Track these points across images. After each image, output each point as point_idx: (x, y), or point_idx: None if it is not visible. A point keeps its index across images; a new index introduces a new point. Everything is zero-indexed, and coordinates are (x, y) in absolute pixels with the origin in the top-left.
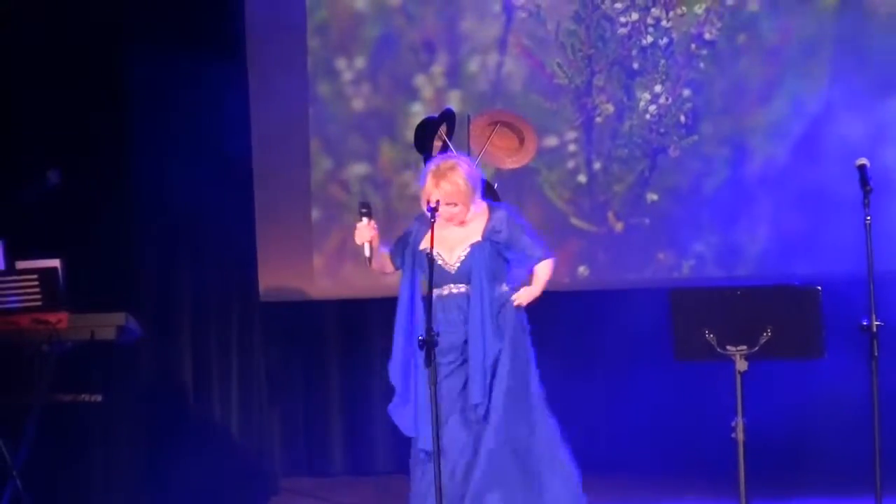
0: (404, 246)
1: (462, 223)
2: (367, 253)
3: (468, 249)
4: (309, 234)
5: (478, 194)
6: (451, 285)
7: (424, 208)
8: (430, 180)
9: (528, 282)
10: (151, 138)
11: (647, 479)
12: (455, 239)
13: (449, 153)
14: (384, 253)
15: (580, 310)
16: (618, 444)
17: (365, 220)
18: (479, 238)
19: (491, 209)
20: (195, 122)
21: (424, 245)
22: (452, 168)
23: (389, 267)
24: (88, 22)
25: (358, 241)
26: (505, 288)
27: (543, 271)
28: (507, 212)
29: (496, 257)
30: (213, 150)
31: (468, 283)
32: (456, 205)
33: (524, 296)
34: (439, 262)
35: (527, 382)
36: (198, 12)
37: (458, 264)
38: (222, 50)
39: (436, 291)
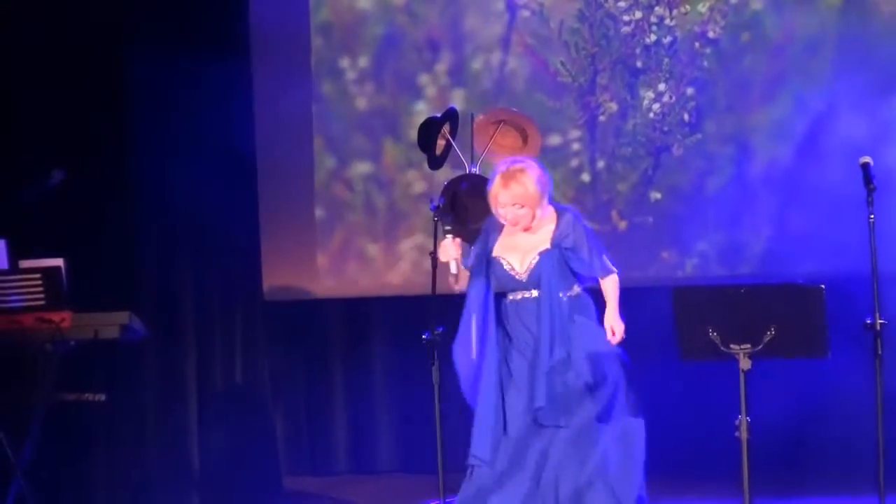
0: (479, 250)
1: (528, 228)
2: (453, 270)
3: (537, 258)
4: (313, 233)
5: (546, 199)
6: (523, 291)
7: (494, 211)
8: (498, 181)
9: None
10: (154, 138)
11: (650, 478)
12: (525, 247)
13: (516, 157)
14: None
15: None
16: None
17: (449, 237)
18: (547, 245)
19: (559, 213)
20: (198, 121)
21: (497, 252)
22: (522, 170)
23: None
24: (90, 22)
25: (443, 258)
26: (577, 290)
27: (612, 290)
28: (573, 215)
29: (565, 263)
30: (216, 149)
31: (538, 288)
32: (523, 206)
33: (614, 323)
34: (509, 269)
35: (604, 396)
36: (200, 12)
37: (527, 273)
38: (225, 49)
39: (509, 296)
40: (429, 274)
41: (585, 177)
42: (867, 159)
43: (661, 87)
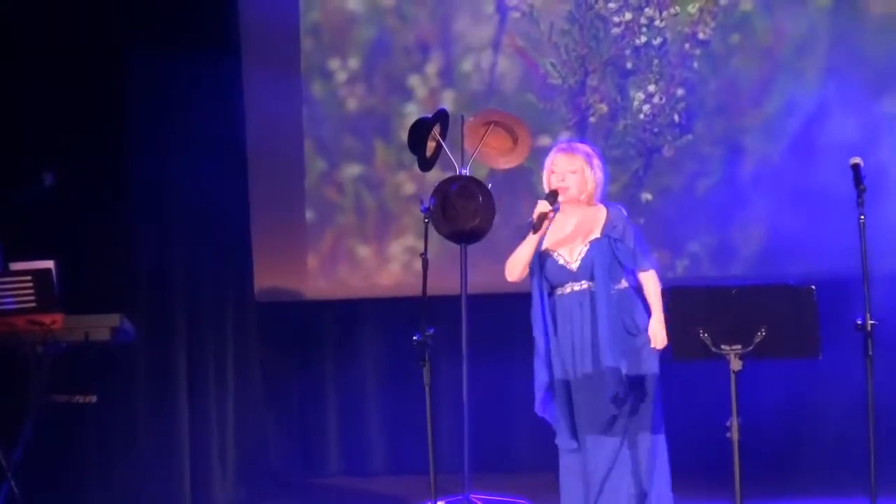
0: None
1: (573, 202)
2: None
3: (588, 246)
4: (303, 234)
5: (599, 189)
6: (572, 283)
7: (546, 182)
8: (559, 149)
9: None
10: (146, 140)
11: None
12: (573, 236)
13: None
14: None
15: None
16: None
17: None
18: (598, 235)
19: (609, 210)
20: (190, 123)
21: (547, 246)
22: (586, 147)
23: (525, 268)
24: (84, 23)
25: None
26: (624, 284)
27: (655, 292)
28: (623, 208)
29: (613, 252)
30: (207, 151)
31: (589, 279)
32: (574, 173)
33: (658, 331)
34: (560, 261)
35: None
36: (191, 14)
37: (578, 262)
38: (216, 52)
39: (558, 290)
40: (419, 275)
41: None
42: (857, 160)
43: (652, 88)
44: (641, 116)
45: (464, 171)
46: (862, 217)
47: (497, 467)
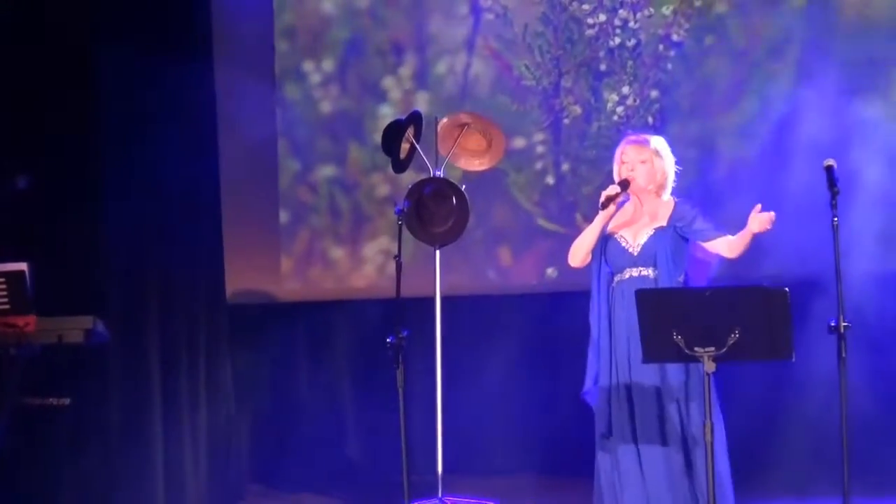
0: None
1: (643, 192)
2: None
3: (653, 232)
4: (277, 236)
5: (668, 182)
6: (632, 269)
7: (616, 172)
8: (629, 140)
9: (702, 271)
10: (117, 141)
11: None
12: (639, 223)
13: None
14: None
15: (549, 311)
16: (588, 448)
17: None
18: (664, 224)
19: (677, 202)
20: (163, 124)
21: (612, 228)
22: (657, 138)
23: (587, 253)
24: (55, 23)
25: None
26: (682, 279)
27: (728, 239)
28: (689, 198)
29: (679, 243)
30: (180, 152)
31: (650, 266)
32: (644, 163)
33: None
34: (622, 243)
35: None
36: (164, 14)
37: (641, 245)
38: (189, 54)
39: (617, 277)
40: (393, 277)
41: (550, 179)
42: (831, 162)
43: (626, 89)
44: (615, 118)
45: (438, 173)
46: (835, 219)
47: (471, 470)
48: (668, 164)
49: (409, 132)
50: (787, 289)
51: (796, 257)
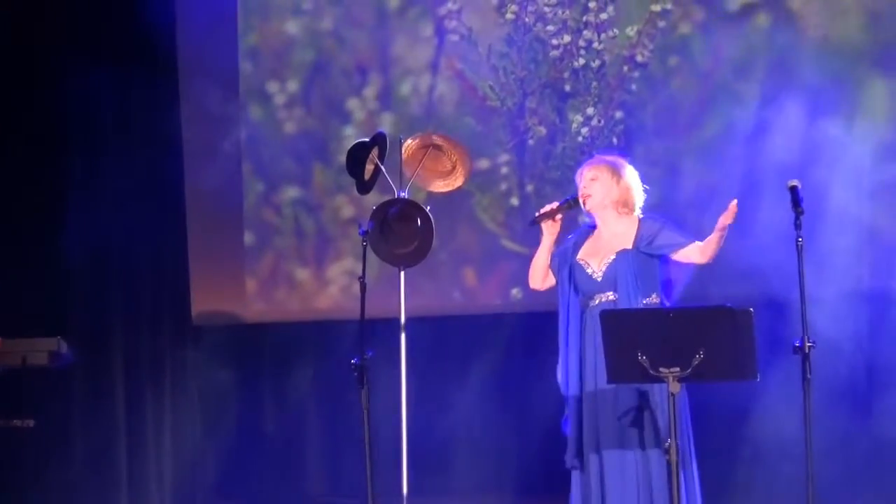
0: (561, 259)
1: (600, 214)
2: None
3: (614, 256)
4: (242, 257)
5: (632, 199)
6: (600, 295)
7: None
8: (589, 159)
9: (676, 293)
10: (81, 162)
11: None
12: (604, 247)
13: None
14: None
15: (514, 332)
16: (557, 467)
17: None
18: (628, 246)
19: (642, 220)
20: (127, 146)
21: (580, 256)
22: (615, 157)
23: (543, 273)
24: (18, 43)
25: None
26: (655, 299)
27: (700, 244)
28: (655, 216)
29: (645, 264)
30: (144, 173)
31: (615, 290)
32: (595, 180)
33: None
34: (588, 270)
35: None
36: (129, 36)
37: (603, 270)
38: (154, 74)
39: (588, 303)
40: (357, 298)
41: (514, 200)
42: (795, 182)
43: (590, 110)
44: (580, 139)
45: (402, 195)
46: (800, 239)
47: (436, 491)
48: (631, 183)
49: (374, 153)
50: (751, 309)
51: (762, 277)
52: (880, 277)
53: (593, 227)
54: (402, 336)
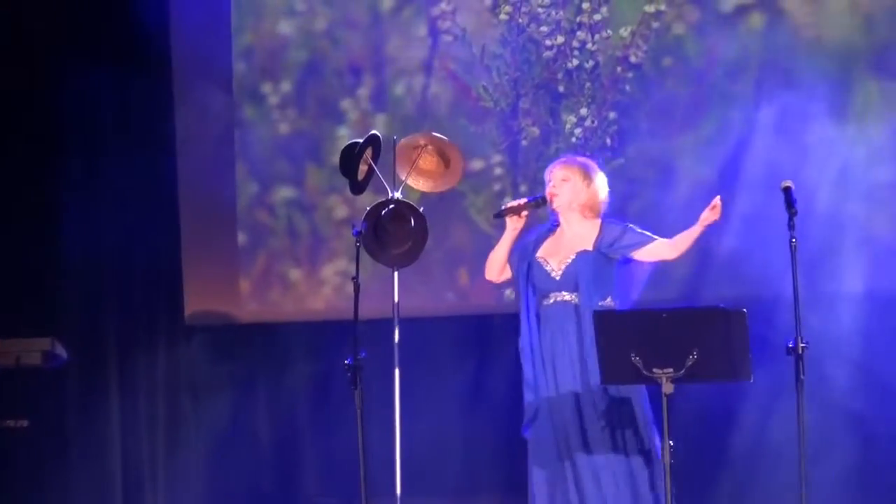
0: (521, 255)
1: (565, 214)
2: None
3: (575, 256)
4: (235, 258)
5: (599, 204)
6: (556, 293)
7: (548, 190)
8: (560, 160)
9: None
10: (75, 163)
11: None
12: (564, 247)
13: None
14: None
15: (507, 332)
16: None
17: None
18: (589, 248)
19: (604, 224)
20: (121, 146)
21: (540, 254)
22: (586, 160)
23: (501, 267)
24: (11, 43)
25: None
26: (610, 302)
27: (665, 241)
28: (618, 220)
29: (604, 266)
30: (138, 173)
31: (573, 290)
32: (566, 181)
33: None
34: (546, 268)
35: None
36: (123, 36)
37: (563, 269)
38: (148, 74)
39: (543, 301)
40: (351, 299)
41: (508, 201)
42: (789, 183)
43: (584, 111)
44: (573, 140)
45: (396, 195)
46: (793, 239)
47: (430, 491)
48: (598, 187)
49: (368, 154)
50: (745, 310)
51: (755, 278)
52: (872, 279)
53: (555, 226)
54: (396, 336)
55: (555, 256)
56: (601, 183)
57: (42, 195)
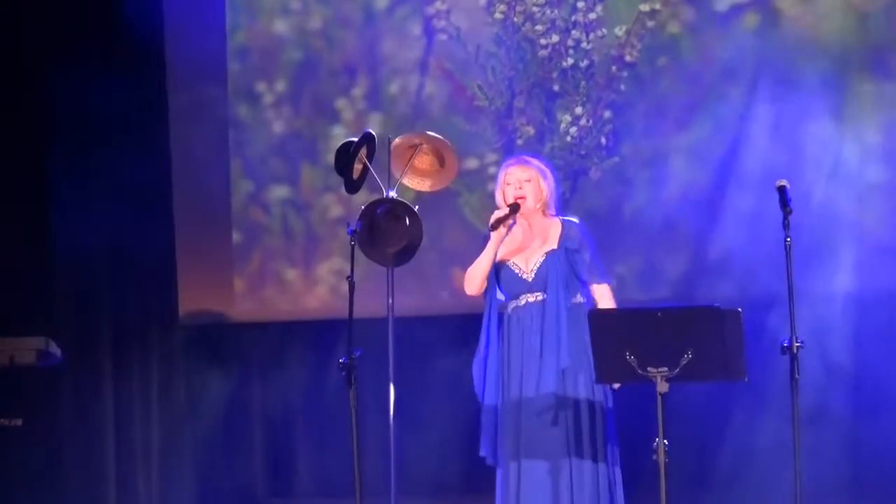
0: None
1: (529, 212)
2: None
3: (544, 257)
4: (230, 256)
5: (552, 201)
6: (528, 294)
7: (500, 193)
8: (513, 162)
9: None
10: (69, 161)
11: None
12: (531, 248)
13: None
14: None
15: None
16: None
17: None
18: (554, 246)
19: (563, 221)
20: (114, 144)
21: (503, 256)
22: (537, 160)
23: (483, 279)
24: (4, 46)
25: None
26: (580, 299)
27: (608, 303)
28: (579, 223)
29: (571, 267)
30: (132, 172)
31: (544, 290)
32: (529, 181)
33: None
34: (515, 270)
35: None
36: (117, 34)
37: (534, 271)
38: (142, 73)
39: (511, 303)
40: (346, 298)
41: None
42: (784, 182)
43: (579, 110)
44: (568, 139)
45: (391, 194)
46: (788, 239)
47: (425, 491)
48: (552, 183)
49: (362, 153)
50: (740, 309)
51: (750, 277)
52: (866, 278)
53: (512, 225)
54: (391, 335)
55: (521, 256)
56: (555, 179)
57: (36, 194)
